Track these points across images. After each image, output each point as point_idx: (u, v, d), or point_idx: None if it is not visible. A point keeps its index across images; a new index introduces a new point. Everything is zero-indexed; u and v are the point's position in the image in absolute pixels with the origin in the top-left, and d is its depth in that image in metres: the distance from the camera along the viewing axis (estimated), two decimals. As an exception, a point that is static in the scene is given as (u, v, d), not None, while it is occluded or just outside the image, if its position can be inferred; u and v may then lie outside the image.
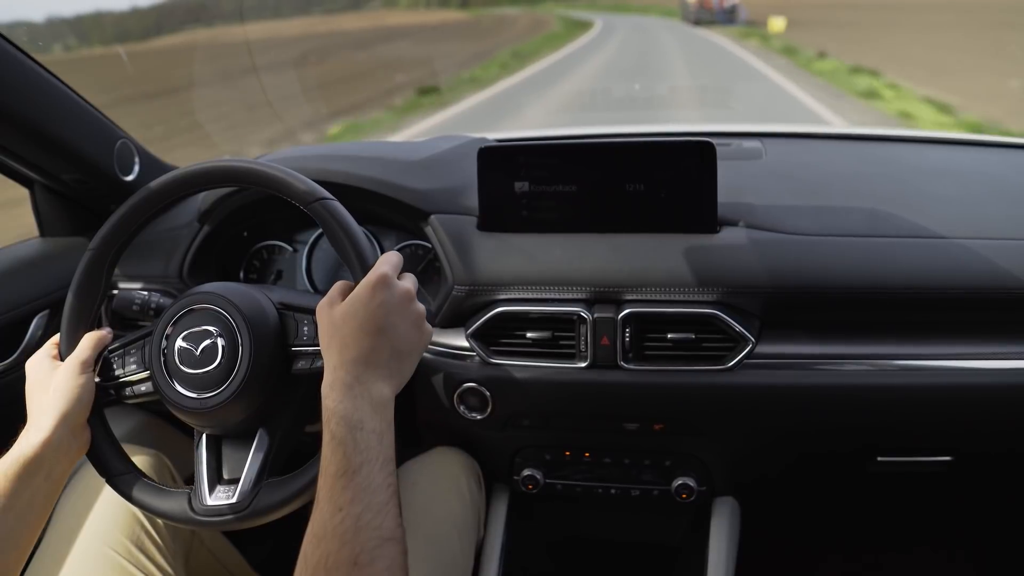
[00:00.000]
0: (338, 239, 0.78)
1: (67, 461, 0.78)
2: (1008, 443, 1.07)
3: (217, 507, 0.79)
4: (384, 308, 0.71)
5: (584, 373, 0.99)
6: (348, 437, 0.64)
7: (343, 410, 0.66)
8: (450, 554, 0.97)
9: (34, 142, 1.04)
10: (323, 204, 0.79)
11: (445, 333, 1.05)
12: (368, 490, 0.62)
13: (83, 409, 0.79)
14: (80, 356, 0.81)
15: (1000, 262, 0.93)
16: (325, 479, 0.64)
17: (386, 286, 0.72)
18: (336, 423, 0.65)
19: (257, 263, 1.26)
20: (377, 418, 0.67)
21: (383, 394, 0.69)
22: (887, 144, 1.38)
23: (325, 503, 0.62)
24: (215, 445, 0.83)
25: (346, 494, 0.62)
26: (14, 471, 0.72)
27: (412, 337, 0.74)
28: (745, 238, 0.98)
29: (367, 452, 0.64)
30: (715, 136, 1.08)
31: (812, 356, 0.96)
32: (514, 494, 1.18)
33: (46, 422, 0.75)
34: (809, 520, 1.51)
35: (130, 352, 0.85)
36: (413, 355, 0.75)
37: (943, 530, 1.49)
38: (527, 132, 1.52)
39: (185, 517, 0.80)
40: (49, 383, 0.79)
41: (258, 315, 0.81)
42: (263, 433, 0.82)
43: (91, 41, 9.60)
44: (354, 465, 0.63)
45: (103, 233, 0.85)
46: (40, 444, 0.74)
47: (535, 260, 1.01)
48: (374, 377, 0.69)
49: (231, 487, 0.80)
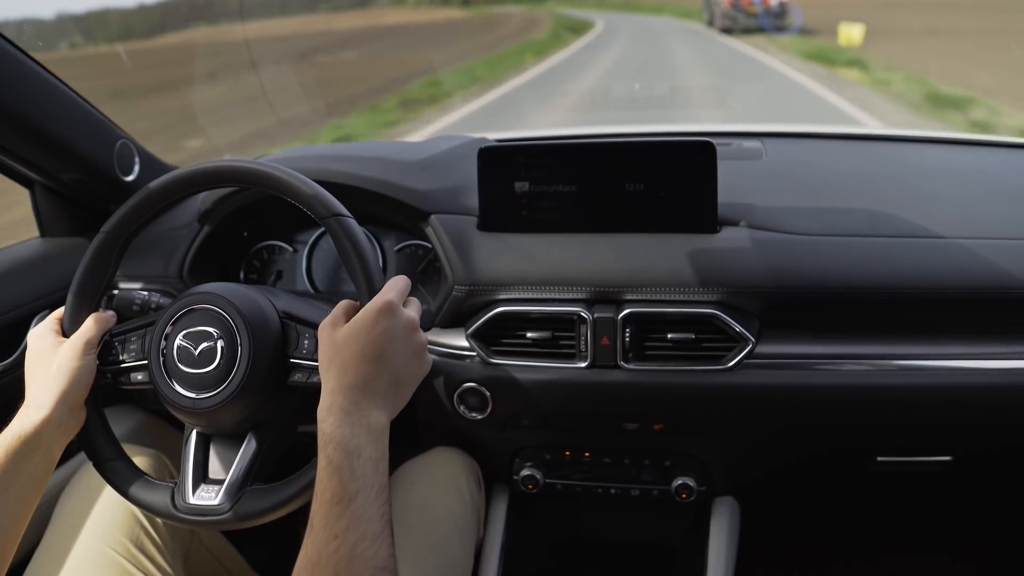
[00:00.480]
0: (349, 258, 0.78)
1: (64, 439, 0.78)
2: (1008, 443, 1.07)
3: (199, 507, 0.79)
4: (386, 335, 0.71)
5: (584, 373, 0.99)
6: (345, 464, 0.64)
7: (340, 436, 0.66)
8: (450, 554, 0.97)
9: (34, 142, 1.04)
10: (338, 221, 0.79)
11: (445, 333, 1.05)
12: (364, 518, 0.62)
13: (83, 389, 0.80)
14: (85, 336, 0.81)
15: (1000, 262, 0.93)
16: (320, 504, 0.64)
17: (391, 313, 0.72)
18: (333, 449, 0.65)
19: (257, 263, 1.26)
20: (373, 445, 0.67)
21: (380, 422, 0.69)
22: (887, 144, 1.38)
23: (320, 529, 0.62)
24: (204, 443, 0.84)
25: (342, 522, 0.62)
26: (14, 447, 0.72)
27: (412, 366, 0.75)
28: (745, 238, 0.98)
29: (363, 480, 0.64)
30: (715, 136, 1.08)
31: (812, 356, 0.96)
32: (514, 494, 1.18)
33: (47, 400, 0.76)
34: (809, 520, 1.51)
35: (131, 339, 0.86)
36: (411, 384, 0.75)
37: (942, 530, 1.49)
38: (527, 132, 1.52)
39: (166, 512, 0.80)
40: (51, 359, 0.80)
41: (259, 320, 0.81)
42: (252, 438, 0.82)
43: (96, 39, 9.59)
44: (350, 492, 0.63)
45: (118, 216, 0.85)
46: (40, 422, 0.74)
47: (535, 260, 1.01)
48: (371, 404, 0.69)
49: (215, 488, 0.80)
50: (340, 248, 0.79)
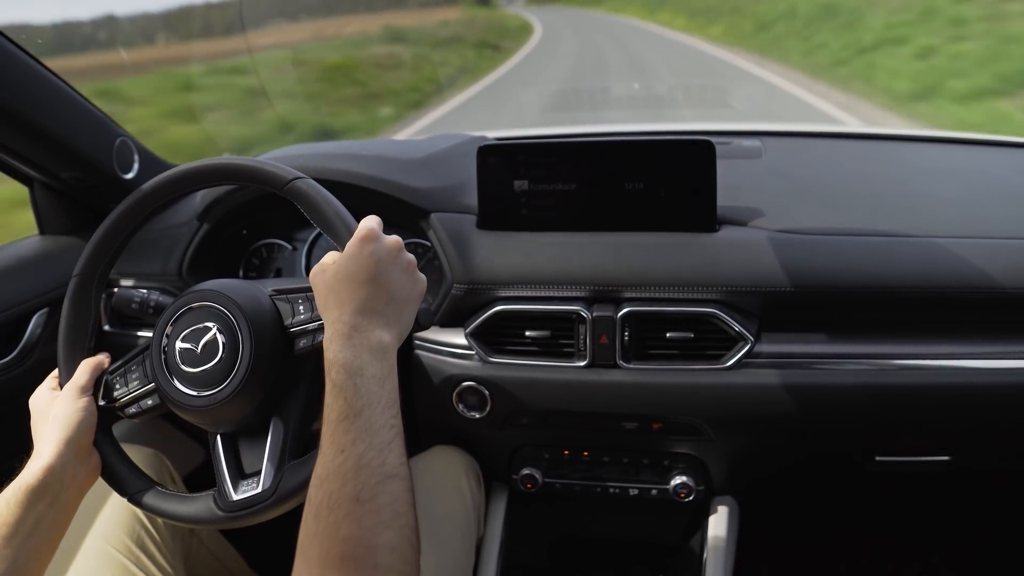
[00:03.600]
0: (318, 211, 0.78)
1: (75, 487, 0.77)
2: (1007, 442, 1.07)
3: (243, 500, 0.78)
4: (374, 257, 0.71)
5: (583, 372, 0.99)
6: (348, 383, 0.64)
7: (342, 359, 0.66)
8: (450, 553, 0.97)
9: (33, 140, 1.04)
10: (297, 184, 0.79)
11: (444, 332, 1.05)
12: (370, 431, 0.62)
13: (84, 433, 0.79)
14: (77, 382, 0.81)
15: (1000, 261, 0.93)
16: (327, 424, 0.64)
17: (373, 238, 0.72)
18: (336, 371, 0.65)
19: (256, 261, 1.26)
20: (377, 364, 0.67)
21: (383, 340, 0.69)
22: (887, 143, 1.38)
23: (327, 447, 0.62)
24: (231, 444, 0.83)
25: (347, 436, 0.62)
26: (16, 498, 0.72)
27: (406, 284, 0.74)
28: (744, 237, 0.98)
29: (368, 396, 0.64)
30: (714, 135, 1.08)
31: (811, 355, 0.96)
32: (513, 493, 1.18)
33: (47, 449, 0.76)
34: (807, 519, 1.51)
35: (131, 369, 0.85)
36: (410, 302, 0.75)
37: (941, 529, 1.49)
38: (527, 131, 1.51)
39: (214, 517, 0.80)
40: (49, 413, 0.80)
41: (253, 305, 0.81)
42: (276, 422, 0.82)
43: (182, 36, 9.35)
44: (355, 409, 0.63)
45: (84, 259, 0.86)
46: (41, 470, 0.74)
47: (534, 259, 1.01)
48: (372, 325, 0.69)
49: (254, 479, 0.79)
50: (308, 207, 0.79)
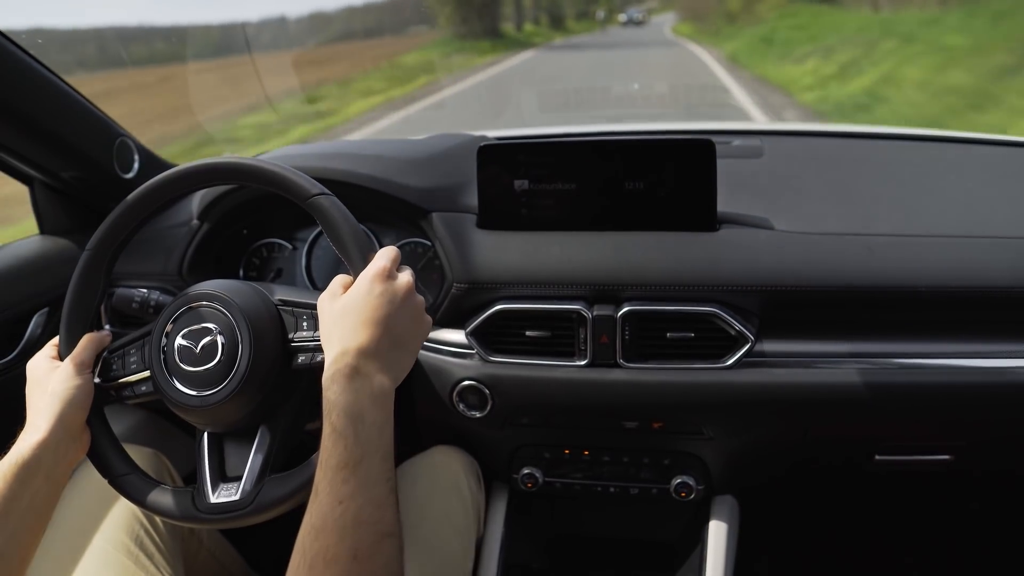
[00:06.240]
0: (336, 234, 0.78)
1: (66, 463, 0.77)
2: (1007, 442, 1.07)
3: (220, 504, 0.79)
4: (383, 299, 0.71)
5: (583, 371, 0.99)
6: (349, 429, 0.64)
7: (344, 402, 0.66)
8: (450, 552, 0.97)
9: (34, 139, 1.04)
10: (320, 199, 0.79)
11: (445, 331, 1.05)
12: (368, 484, 0.62)
13: (80, 410, 0.79)
14: (77, 357, 0.81)
15: (999, 260, 0.93)
16: (325, 471, 0.63)
17: (385, 278, 0.72)
18: (337, 415, 0.65)
19: (257, 261, 1.26)
20: (377, 410, 0.67)
21: (383, 386, 0.69)
22: (887, 142, 1.38)
23: (325, 495, 0.62)
24: (217, 444, 0.83)
25: (347, 487, 0.61)
26: (11, 473, 0.72)
27: (412, 329, 0.74)
28: (745, 236, 0.98)
29: (368, 445, 0.64)
30: (715, 134, 1.08)
31: (811, 354, 0.96)
32: (513, 492, 1.18)
33: (42, 423, 0.75)
34: (808, 518, 1.51)
35: (130, 352, 0.85)
36: (413, 347, 0.75)
37: (941, 529, 1.49)
38: (527, 130, 1.51)
39: (189, 515, 0.80)
40: (47, 384, 0.79)
41: (256, 311, 0.81)
42: (264, 430, 0.82)
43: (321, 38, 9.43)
44: (355, 458, 0.63)
45: (100, 233, 0.85)
46: (36, 445, 0.74)
47: (534, 258, 1.01)
48: (374, 369, 0.69)
49: (234, 484, 0.80)
50: (327, 226, 0.79)
